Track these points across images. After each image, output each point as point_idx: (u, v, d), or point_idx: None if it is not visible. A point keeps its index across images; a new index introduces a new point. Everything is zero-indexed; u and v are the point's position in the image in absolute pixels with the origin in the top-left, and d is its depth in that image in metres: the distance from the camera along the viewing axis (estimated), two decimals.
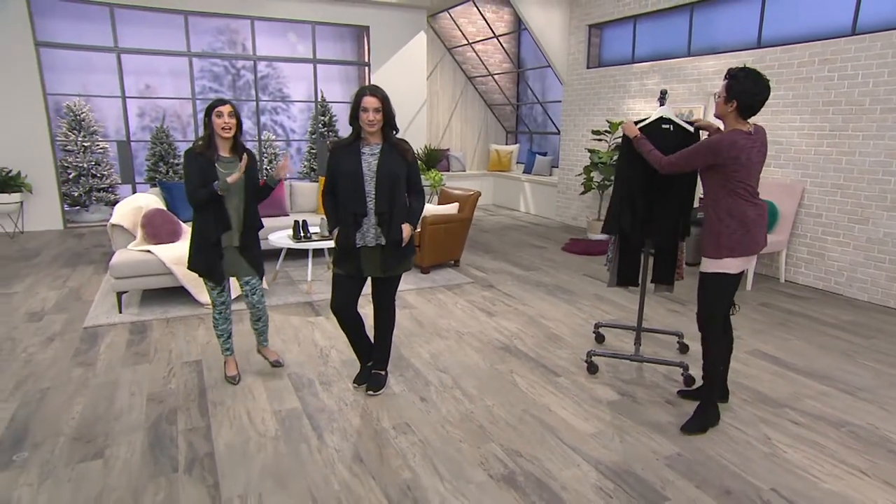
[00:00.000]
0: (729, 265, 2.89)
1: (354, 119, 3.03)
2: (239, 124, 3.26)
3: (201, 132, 3.33)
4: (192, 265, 3.37)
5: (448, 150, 11.69)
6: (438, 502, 2.45)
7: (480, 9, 10.56)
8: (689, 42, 7.10)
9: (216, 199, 3.21)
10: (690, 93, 6.97)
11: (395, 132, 3.09)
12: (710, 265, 2.95)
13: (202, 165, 3.18)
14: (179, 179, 8.62)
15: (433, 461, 2.74)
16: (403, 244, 3.18)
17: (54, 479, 2.57)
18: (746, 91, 2.74)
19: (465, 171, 11.66)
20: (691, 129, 3.44)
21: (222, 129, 3.17)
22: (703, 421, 3.03)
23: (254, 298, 3.53)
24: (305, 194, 7.21)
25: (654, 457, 2.79)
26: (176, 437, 2.92)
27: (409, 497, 2.48)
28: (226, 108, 3.17)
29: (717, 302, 2.98)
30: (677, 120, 3.49)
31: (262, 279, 3.54)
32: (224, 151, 3.28)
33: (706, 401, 3.07)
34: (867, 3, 5.33)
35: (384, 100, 2.99)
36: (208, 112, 3.18)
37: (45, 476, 2.59)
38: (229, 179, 3.15)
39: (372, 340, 3.50)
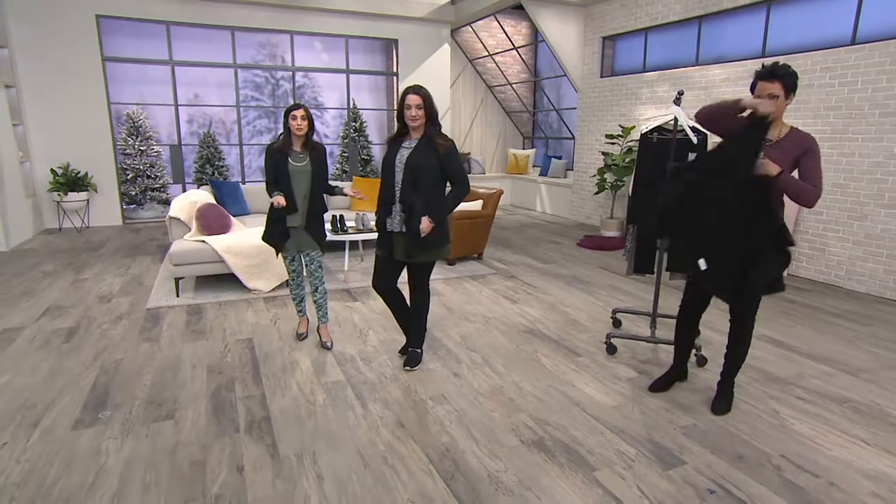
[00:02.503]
0: None
1: (400, 115, 3.11)
2: (311, 125, 3.53)
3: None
4: (265, 237, 3.70)
5: (469, 154, 11.75)
6: (475, 462, 2.52)
7: (501, 22, 10.62)
8: (697, 52, 7.08)
9: (283, 191, 3.52)
10: (698, 99, 6.94)
11: (437, 128, 3.15)
12: None
13: (277, 159, 3.50)
14: (225, 180, 8.80)
15: (468, 428, 2.81)
16: (423, 235, 3.14)
17: (134, 434, 2.70)
18: (797, 80, 2.61)
19: (484, 173, 11.70)
20: (693, 137, 3.50)
21: (297, 128, 3.45)
22: (729, 399, 3.02)
23: (311, 267, 3.75)
24: None
25: (671, 426, 2.83)
26: (235, 403, 3.03)
27: (448, 457, 2.55)
28: (299, 112, 3.45)
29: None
30: (686, 120, 3.53)
31: (323, 252, 3.79)
32: (297, 147, 3.55)
33: (731, 382, 3.05)
34: (866, 14, 5.30)
35: (426, 98, 3.06)
36: (286, 114, 3.46)
37: (127, 432, 2.72)
38: (273, 202, 3.51)
39: None
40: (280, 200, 3.46)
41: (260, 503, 2.22)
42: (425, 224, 3.13)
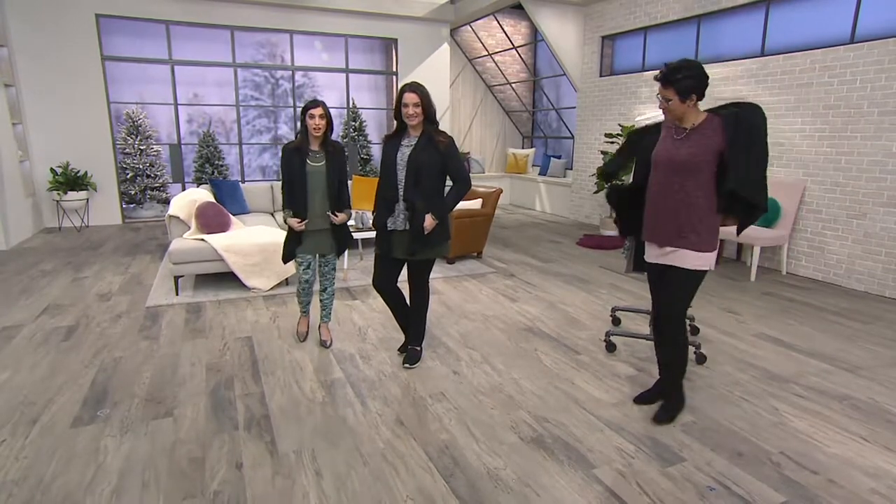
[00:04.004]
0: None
1: (398, 114, 3.09)
2: (329, 123, 3.40)
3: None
4: (286, 257, 3.63)
5: (469, 153, 11.74)
6: (474, 459, 2.51)
7: (500, 22, 10.61)
8: (696, 51, 7.07)
9: (298, 193, 3.44)
10: None
11: (435, 125, 3.13)
12: (706, 259, 2.65)
13: (293, 159, 3.39)
14: (224, 179, 8.78)
15: (468, 425, 2.80)
16: (426, 232, 3.15)
17: (133, 432, 2.69)
18: (702, 80, 2.52)
19: (484, 172, 11.70)
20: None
21: (314, 128, 3.33)
22: (675, 409, 2.88)
23: (325, 269, 3.75)
24: None
25: (670, 423, 2.82)
26: (234, 401, 3.02)
27: (447, 454, 2.55)
28: (317, 111, 3.31)
29: (693, 296, 2.76)
30: None
31: (344, 251, 3.74)
32: (315, 146, 3.45)
33: (671, 390, 2.91)
34: (865, 13, 5.29)
35: (423, 96, 3.04)
36: (303, 112, 3.34)
37: (125, 429, 2.71)
38: (288, 222, 3.47)
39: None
40: (296, 225, 3.42)
41: (259, 500, 2.22)
42: (429, 221, 3.13)
